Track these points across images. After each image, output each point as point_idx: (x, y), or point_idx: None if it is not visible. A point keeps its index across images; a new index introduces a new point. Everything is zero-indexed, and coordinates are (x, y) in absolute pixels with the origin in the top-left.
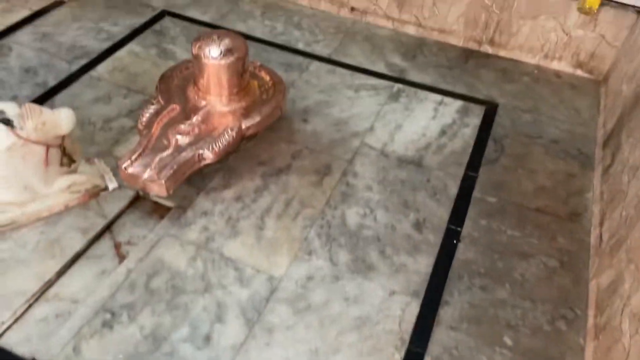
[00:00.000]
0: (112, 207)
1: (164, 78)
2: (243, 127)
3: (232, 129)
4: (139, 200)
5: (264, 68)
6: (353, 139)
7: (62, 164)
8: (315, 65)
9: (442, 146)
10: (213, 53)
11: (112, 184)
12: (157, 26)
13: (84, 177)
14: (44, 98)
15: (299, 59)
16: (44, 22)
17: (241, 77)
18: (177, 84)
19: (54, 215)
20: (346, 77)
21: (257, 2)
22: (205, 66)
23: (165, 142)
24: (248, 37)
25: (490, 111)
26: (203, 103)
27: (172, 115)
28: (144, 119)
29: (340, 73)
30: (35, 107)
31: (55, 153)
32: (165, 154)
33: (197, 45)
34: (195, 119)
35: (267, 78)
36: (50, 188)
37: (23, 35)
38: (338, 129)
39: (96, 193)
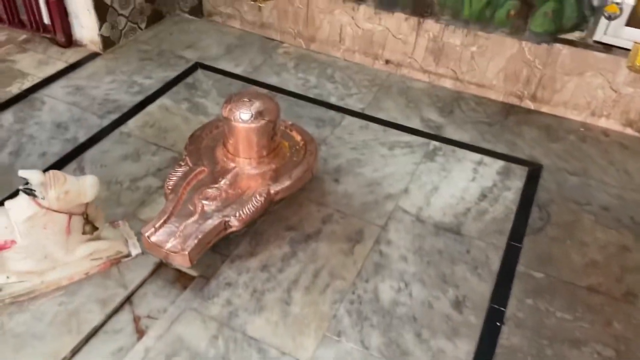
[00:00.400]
0: (134, 276)
1: (193, 138)
2: (272, 191)
3: (260, 194)
4: (161, 268)
5: (295, 127)
6: (387, 202)
7: (84, 232)
8: (348, 120)
9: (482, 212)
10: (244, 116)
11: (135, 250)
12: (189, 79)
13: (106, 244)
14: (73, 154)
15: (332, 113)
16: (78, 74)
17: (271, 140)
18: (207, 145)
19: (74, 283)
20: (380, 133)
21: (291, 54)
22: (235, 129)
23: (190, 207)
24: (280, 90)
25: (534, 173)
26: (232, 165)
27: (199, 177)
28: (171, 183)
29: (374, 129)
30: (60, 175)
31: (77, 221)
32: (190, 221)
33: (228, 108)
34: (224, 182)
35: (299, 138)
36: (71, 256)
37: (57, 89)
38: (371, 190)
39: (118, 260)
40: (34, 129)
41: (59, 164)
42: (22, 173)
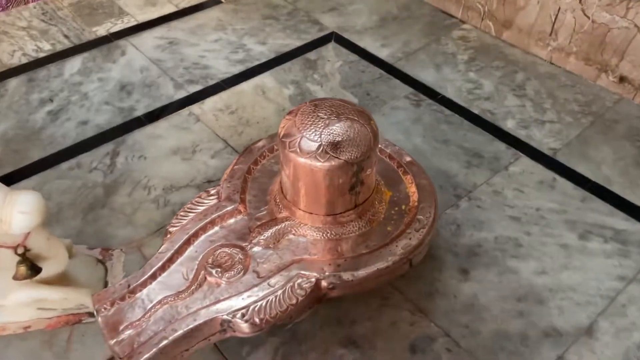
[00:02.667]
0: (85, 354)
1: (248, 154)
2: (326, 283)
3: (304, 283)
4: None
5: (414, 168)
6: (544, 346)
7: (16, 277)
8: (523, 164)
9: None
10: (306, 145)
11: None
12: (313, 54)
13: (59, 294)
14: (117, 132)
15: (500, 146)
16: (182, 24)
17: (351, 192)
18: (264, 170)
19: (2, 337)
20: (572, 201)
21: (469, 42)
22: (292, 161)
23: (184, 275)
24: (431, 93)
25: None
26: (283, 215)
27: (226, 222)
28: (178, 222)
29: (564, 191)
30: None
31: (6, 256)
32: (168, 302)
33: (289, 124)
34: (258, 239)
35: (411, 190)
36: (3, 299)
37: (148, 38)
38: (521, 310)
39: (79, 318)
40: (93, 85)
41: (92, 142)
42: None
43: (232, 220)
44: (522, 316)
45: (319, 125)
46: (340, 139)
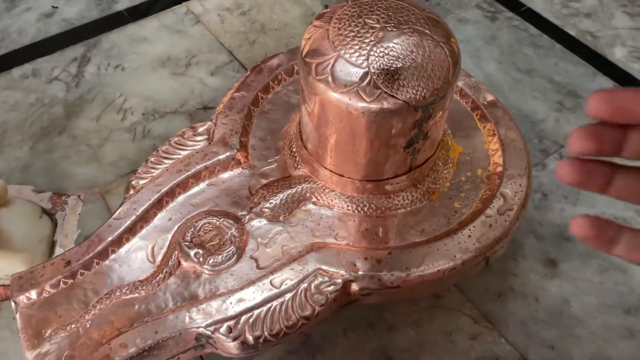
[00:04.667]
0: (16, 342)
1: (255, 74)
2: (358, 286)
3: (327, 284)
4: None
5: (499, 112)
6: None
7: None
8: None
9: None
10: (347, 73)
11: None
12: None
13: None
14: (92, 30)
15: (604, 83)
16: None
17: (408, 150)
18: (281, 101)
19: None
20: None
21: None
22: (320, 97)
23: (150, 256)
24: (512, 2)
25: None
26: (301, 175)
27: (217, 177)
28: (147, 173)
29: None
30: None
31: None
32: (128, 294)
33: (314, 38)
34: (261, 206)
35: (492, 147)
36: None
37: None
38: (630, 325)
39: (7, 294)
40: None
41: (56, 42)
42: None
43: (225, 175)
44: (632, 337)
45: (367, 40)
46: (399, 65)
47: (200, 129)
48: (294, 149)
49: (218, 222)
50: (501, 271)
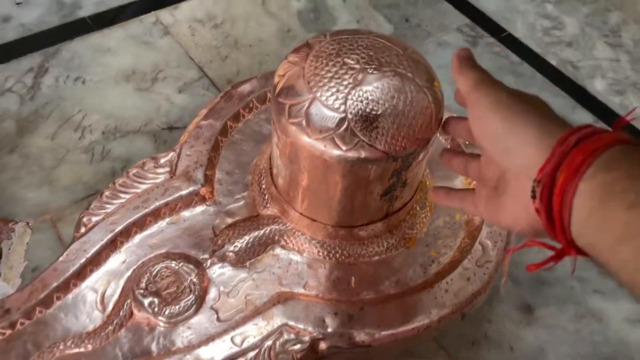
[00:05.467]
0: None
1: (225, 101)
2: (326, 345)
3: (294, 343)
4: None
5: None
6: None
7: None
8: None
9: None
10: (322, 117)
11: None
12: None
13: None
14: (49, 38)
15: (584, 117)
16: None
17: (384, 198)
18: (250, 131)
19: None
20: None
21: None
22: (293, 140)
23: (101, 299)
24: (493, 27)
25: None
26: (269, 217)
27: (178, 214)
28: (107, 204)
29: None
30: None
31: None
32: (73, 348)
33: (288, 75)
34: (222, 251)
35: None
36: None
37: None
38: None
39: None
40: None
41: (12, 50)
42: None
43: (187, 213)
44: None
45: (346, 82)
46: (379, 112)
47: (162, 160)
48: (264, 186)
49: (177, 267)
50: (475, 317)
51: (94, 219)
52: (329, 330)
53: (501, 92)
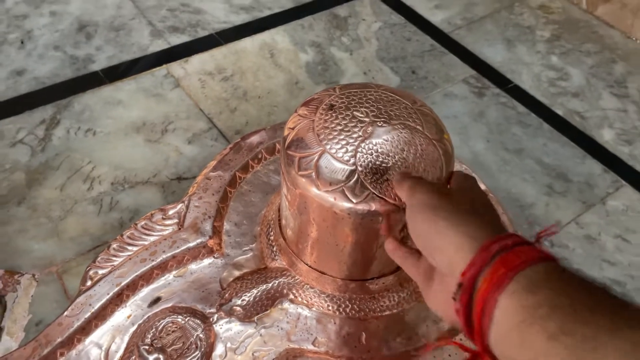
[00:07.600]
0: None
1: (234, 152)
2: None
3: None
4: None
5: (499, 211)
6: None
7: None
8: (627, 195)
9: None
10: (332, 170)
11: None
12: (343, 9)
13: None
14: (61, 91)
15: (594, 167)
16: None
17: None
18: (256, 181)
19: None
20: None
21: (554, 13)
22: (302, 192)
23: (105, 355)
24: (499, 78)
25: None
26: (277, 269)
27: (186, 267)
28: (113, 257)
29: None
30: None
31: None
32: None
33: (298, 128)
34: (229, 305)
35: None
36: None
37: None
38: None
39: None
40: (43, 21)
41: (25, 102)
42: None
43: (194, 265)
44: None
45: (355, 135)
46: (389, 164)
47: (171, 212)
48: (272, 237)
49: (183, 322)
50: None
51: (101, 271)
52: None
53: (432, 195)
